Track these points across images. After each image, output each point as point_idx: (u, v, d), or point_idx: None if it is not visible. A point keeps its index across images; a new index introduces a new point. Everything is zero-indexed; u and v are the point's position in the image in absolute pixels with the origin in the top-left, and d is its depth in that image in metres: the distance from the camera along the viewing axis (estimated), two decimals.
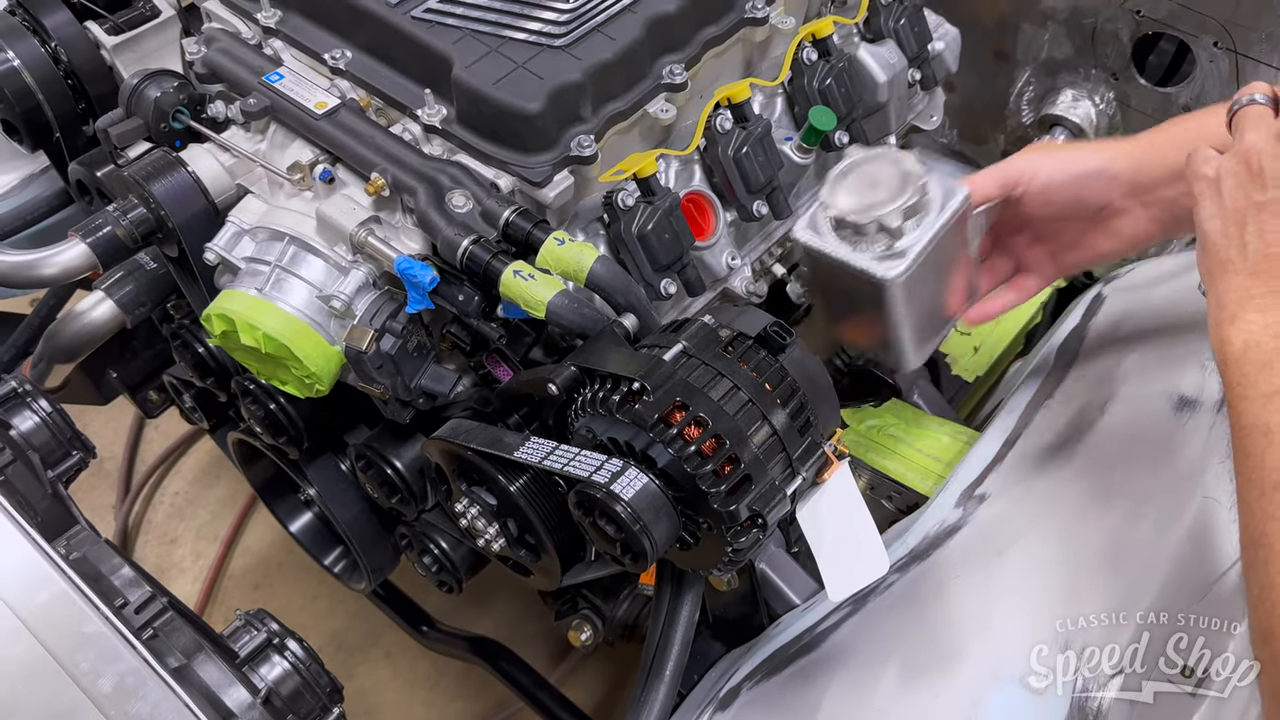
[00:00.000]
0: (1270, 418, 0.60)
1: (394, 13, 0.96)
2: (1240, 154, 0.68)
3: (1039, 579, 0.83)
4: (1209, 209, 0.69)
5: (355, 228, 0.90)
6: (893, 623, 0.89)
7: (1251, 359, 0.63)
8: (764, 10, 1.05)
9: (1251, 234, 0.65)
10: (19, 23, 1.17)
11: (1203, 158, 0.71)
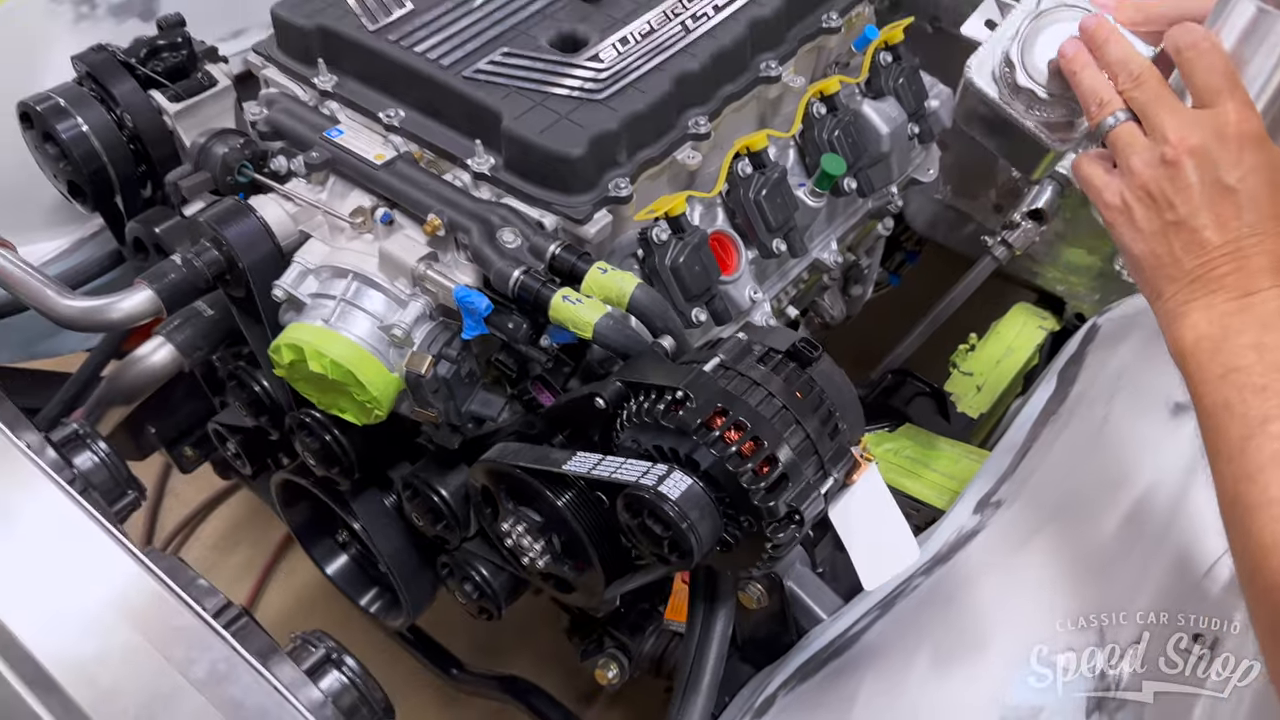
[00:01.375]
0: (1228, 393, 0.68)
1: (447, 74, 1.06)
2: (1138, 181, 0.74)
3: (1054, 572, 0.90)
4: (1129, 235, 0.76)
5: (416, 262, 0.98)
6: (921, 618, 0.95)
7: (1203, 348, 0.71)
8: (777, 70, 1.15)
9: (1179, 249, 0.73)
10: (87, 92, 1.27)
11: (1103, 187, 0.77)
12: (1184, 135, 0.72)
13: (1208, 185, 0.71)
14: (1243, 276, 0.70)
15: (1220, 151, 0.71)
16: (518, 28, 1.11)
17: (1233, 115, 0.71)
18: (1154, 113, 0.74)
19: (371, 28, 1.11)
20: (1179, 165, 0.72)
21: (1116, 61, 0.79)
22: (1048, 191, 1.48)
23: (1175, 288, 0.73)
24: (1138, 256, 0.75)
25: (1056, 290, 1.65)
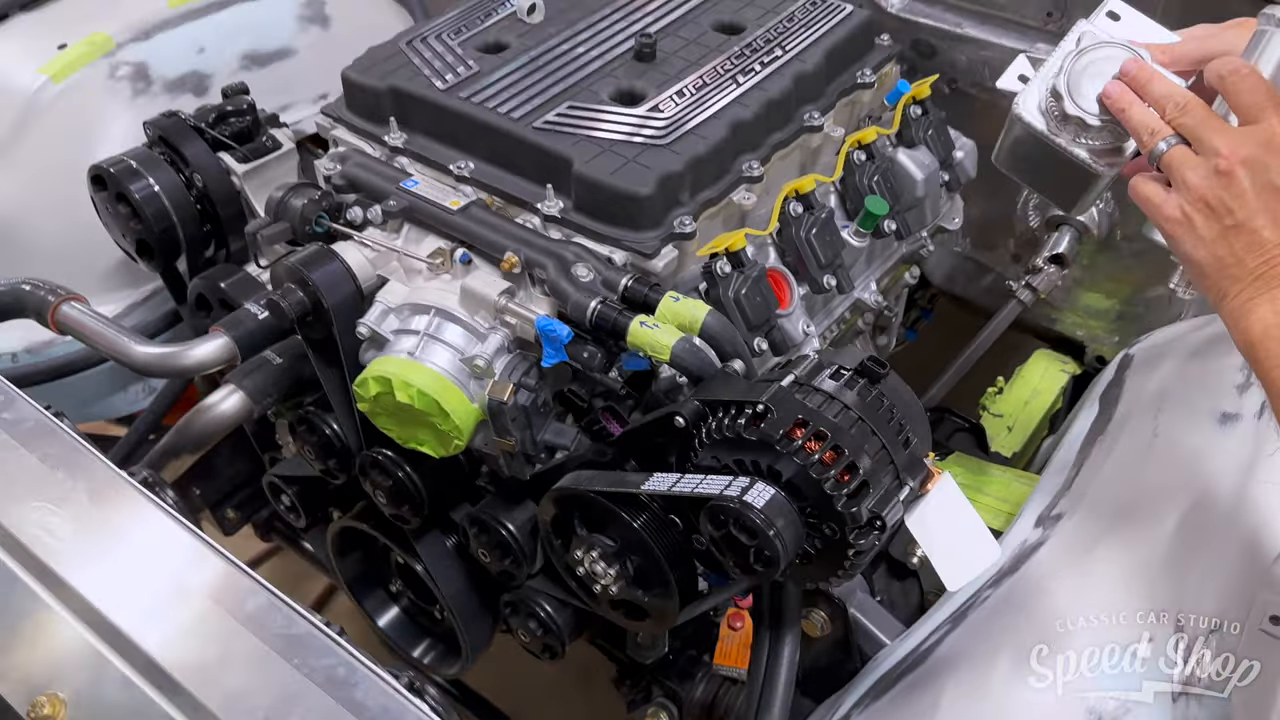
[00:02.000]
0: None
1: (518, 126, 1.13)
2: (1195, 194, 0.81)
3: (1125, 571, 0.93)
4: (1191, 243, 0.82)
5: (498, 295, 1.03)
6: (995, 625, 0.98)
7: (1272, 336, 0.76)
8: (819, 120, 1.23)
9: (1241, 250, 0.79)
10: (158, 155, 1.33)
11: (1162, 203, 0.83)
12: (1235, 148, 0.79)
13: (1261, 189, 0.77)
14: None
15: (1270, 158, 0.77)
16: (579, 84, 1.19)
17: (1278, 127, 0.78)
18: (1203, 133, 0.81)
19: (442, 87, 1.19)
20: (1233, 174, 0.78)
21: (1162, 95, 0.86)
22: (1066, 238, 1.56)
23: (1239, 286, 0.78)
24: (1201, 262, 0.81)
25: (1076, 335, 1.72)
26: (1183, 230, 0.81)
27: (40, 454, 0.95)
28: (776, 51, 1.23)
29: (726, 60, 1.22)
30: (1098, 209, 1.55)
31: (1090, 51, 0.94)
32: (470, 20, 1.30)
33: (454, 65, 1.22)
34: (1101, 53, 0.94)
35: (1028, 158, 1.03)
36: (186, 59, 1.66)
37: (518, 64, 1.22)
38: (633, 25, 1.28)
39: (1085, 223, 1.55)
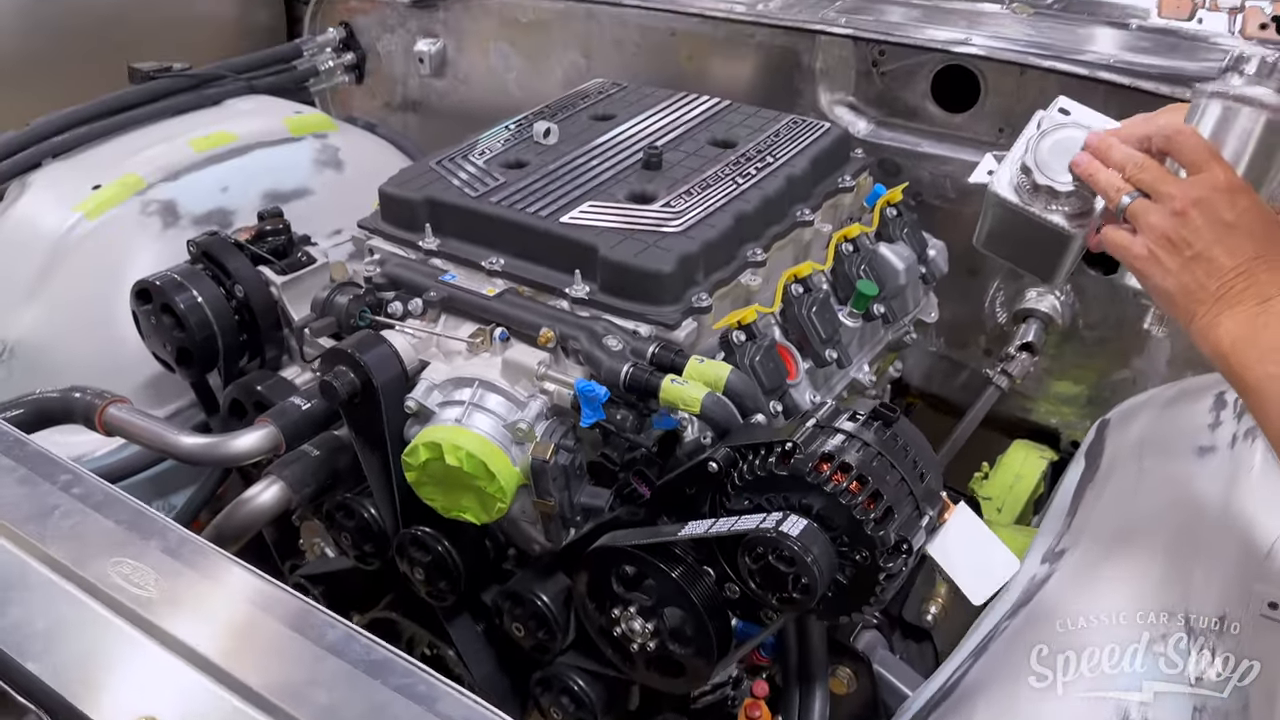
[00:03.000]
0: (1268, 367, 0.85)
1: (546, 222, 1.26)
2: (1158, 234, 0.93)
3: (1130, 585, 1.01)
4: (1159, 275, 0.94)
5: (537, 364, 1.13)
6: (1016, 649, 1.04)
7: (1238, 344, 0.88)
8: (810, 216, 1.38)
9: (1202, 276, 0.91)
10: (200, 270, 1.44)
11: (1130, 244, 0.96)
12: (1186, 193, 0.92)
13: (1213, 224, 0.90)
14: (1257, 289, 0.88)
15: (1217, 198, 0.91)
16: (596, 188, 1.32)
17: (1220, 174, 0.92)
18: (1159, 185, 0.95)
19: (473, 195, 1.32)
20: (1187, 214, 0.91)
21: (1122, 158, 1.00)
22: (1034, 328, 1.71)
23: (1204, 307, 0.90)
24: (1170, 291, 0.93)
25: (1051, 423, 1.84)
26: (1151, 265, 0.94)
27: (113, 519, 1.00)
28: (768, 159, 1.39)
29: (725, 167, 1.37)
30: (1060, 301, 1.70)
31: (1051, 132, 1.09)
32: (492, 145, 1.45)
33: (481, 178, 1.36)
34: (1061, 132, 1.09)
35: (1006, 235, 1.16)
36: (212, 197, 1.79)
37: (539, 175, 1.36)
38: (639, 143, 1.43)
39: (1049, 313, 1.70)
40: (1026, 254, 1.17)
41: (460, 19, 2.07)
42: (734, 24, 1.76)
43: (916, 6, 1.76)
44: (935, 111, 1.69)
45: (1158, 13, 1.65)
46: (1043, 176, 1.08)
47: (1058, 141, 1.10)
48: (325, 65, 2.22)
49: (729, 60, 1.79)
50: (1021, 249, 1.16)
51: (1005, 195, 1.12)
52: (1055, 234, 1.11)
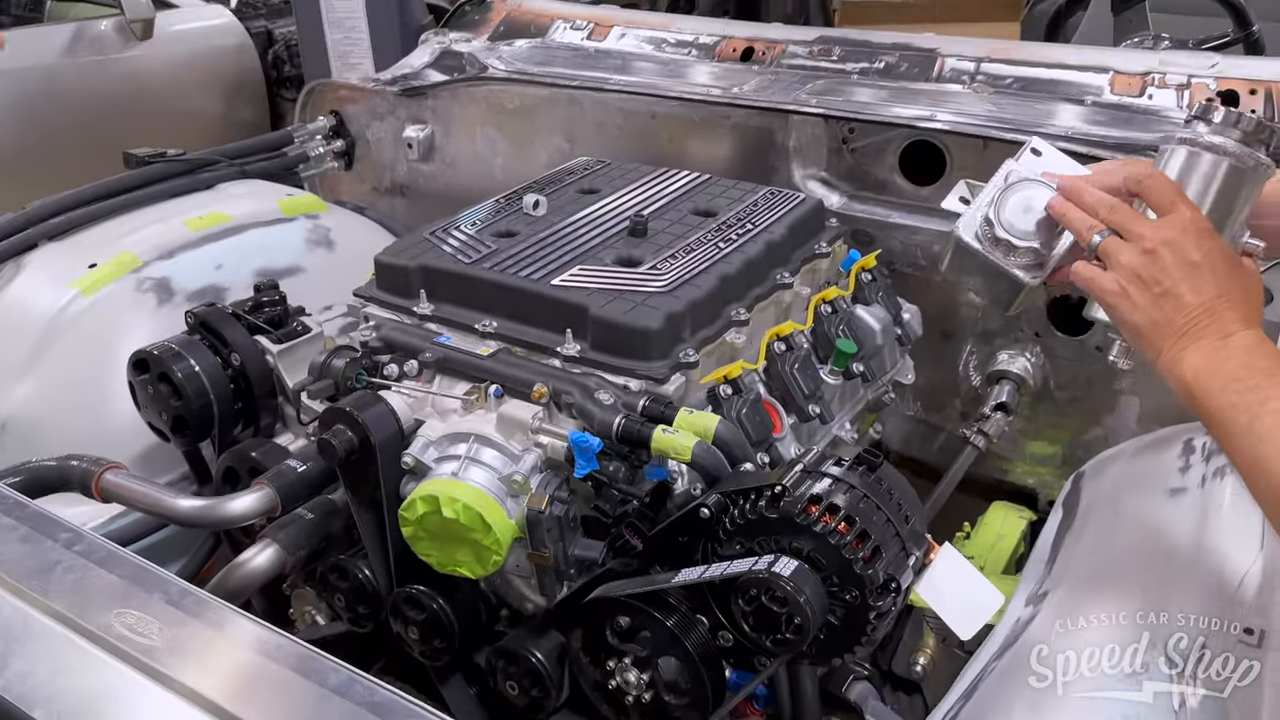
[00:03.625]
0: (1229, 397, 0.89)
1: (538, 285, 1.30)
2: (1129, 271, 0.99)
3: (1111, 616, 1.04)
4: (1128, 310, 0.99)
5: (532, 418, 1.16)
6: (1005, 686, 1.06)
7: (1201, 376, 0.93)
8: (790, 280, 1.44)
9: (1170, 312, 0.97)
10: (198, 340, 1.47)
11: (1101, 279, 1.02)
12: (1155, 232, 0.98)
13: (1180, 264, 0.96)
14: (1220, 324, 0.94)
15: (1184, 239, 0.97)
16: (585, 254, 1.38)
17: (1187, 215, 0.98)
18: (1130, 224, 1.01)
19: (467, 262, 1.37)
20: (1156, 252, 0.97)
21: (1094, 200, 1.06)
22: (1007, 388, 1.76)
23: (1170, 342, 0.96)
24: (1139, 325, 0.98)
25: (1028, 484, 1.88)
26: (1121, 300, 0.99)
27: (116, 574, 1.02)
28: (748, 226, 1.46)
29: (708, 233, 1.43)
30: (1031, 363, 1.76)
31: (1015, 187, 1.16)
32: (484, 217, 1.51)
33: (473, 246, 1.41)
34: (1024, 189, 1.16)
35: (968, 269, 1.22)
36: (206, 274, 1.83)
37: (529, 243, 1.41)
38: (624, 213, 1.50)
39: (1021, 375, 1.76)
40: (987, 291, 1.24)
41: (448, 106, 2.16)
42: (711, 106, 1.84)
43: (884, 88, 1.86)
44: (904, 185, 1.77)
45: (1110, 90, 1.76)
46: (1003, 231, 1.14)
47: (1021, 199, 1.17)
48: (315, 151, 2.29)
49: (707, 140, 1.87)
50: (982, 287, 1.23)
51: (969, 241, 1.18)
52: (1011, 279, 1.17)
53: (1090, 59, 1.83)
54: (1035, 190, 1.16)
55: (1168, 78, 1.73)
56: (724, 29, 2.15)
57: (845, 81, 1.90)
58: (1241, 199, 1.05)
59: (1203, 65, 1.75)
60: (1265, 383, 0.88)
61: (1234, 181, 1.05)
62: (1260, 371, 0.90)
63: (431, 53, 2.35)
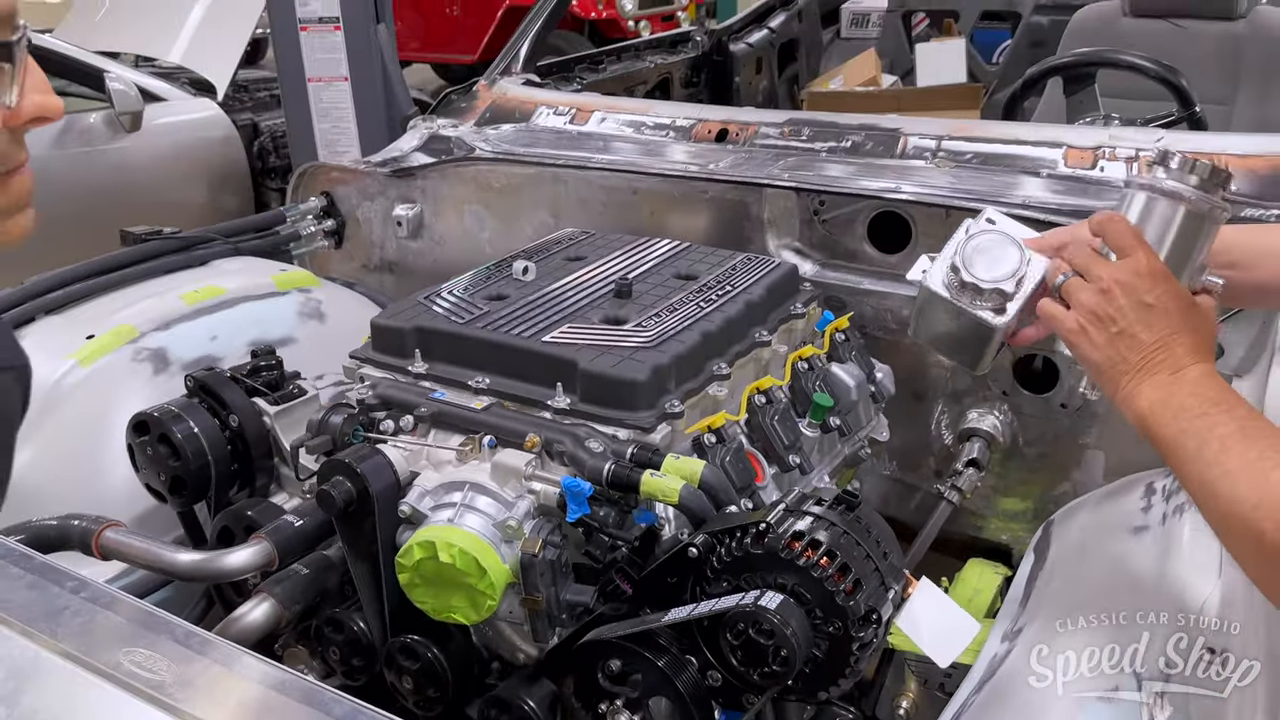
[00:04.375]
0: (1181, 425, 0.96)
1: (528, 342, 1.37)
2: (1087, 310, 1.07)
3: (1084, 641, 1.09)
4: (1088, 347, 1.07)
5: (525, 465, 1.22)
6: (986, 717, 1.10)
7: (1155, 407, 1.00)
8: (768, 338, 1.51)
9: (1125, 350, 1.04)
10: (197, 403, 1.51)
11: (1064, 318, 1.08)
12: (1113, 274, 1.05)
13: (1135, 305, 1.03)
14: (1172, 360, 1.01)
15: (1138, 281, 1.04)
16: (573, 314, 1.45)
17: (1143, 259, 1.06)
18: (1091, 265, 1.08)
19: (460, 323, 1.43)
20: (1112, 293, 1.04)
21: (1058, 241, 1.15)
22: (978, 445, 1.83)
23: (1127, 378, 1.03)
24: (1098, 362, 1.05)
25: (1001, 540, 1.93)
26: (1081, 338, 1.06)
27: (123, 616, 1.05)
28: (728, 287, 1.53)
29: (689, 294, 1.51)
30: (1000, 420, 1.83)
31: (978, 236, 1.24)
32: (475, 282, 1.58)
33: (467, 308, 1.48)
34: (985, 238, 1.24)
35: (937, 329, 1.28)
36: (201, 345, 1.88)
37: (519, 305, 1.48)
38: (609, 277, 1.57)
39: (991, 432, 1.83)
40: (955, 347, 1.29)
41: (437, 186, 2.25)
42: (690, 181, 1.94)
43: (851, 164, 1.97)
44: (873, 253, 1.86)
45: (1064, 163, 1.87)
46: (969, 274, 1.22)
47: (981, 245, 1.24)
48: (306, 230, 2.37)
49: (686, 214, 1.97)
50: (951, 342, 1.29)
51: (936, 289, 1.25)
52: (978, 324, 1.23)
53: (1044, 135, 1.95)
54: (995, 239, 1.24)
55: (1118, 151, 1.85)
56: (699, 113, 2.27)
57: (815, 159, 2.01)
58: (1199, 242, 1.12)
59: (1150, 139, 1.87)
60: (1212, 410, 0.95)
61: (1191, 225, 1.11)
62: (1208, 400, 0.96)
63: (420, 137, 2.46)
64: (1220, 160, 1.77)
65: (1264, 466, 0.87)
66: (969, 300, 1.22)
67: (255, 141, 5.15)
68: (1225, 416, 0.94)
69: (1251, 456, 0.88)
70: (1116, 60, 2.39)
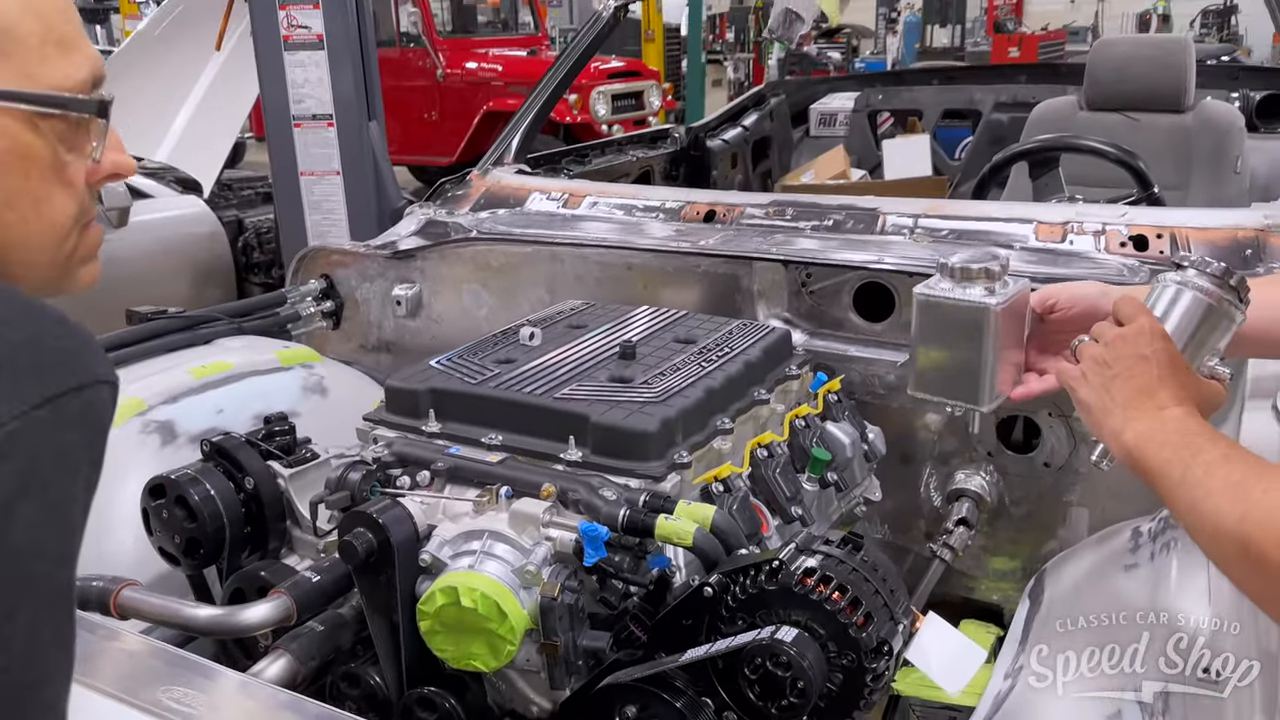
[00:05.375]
0: (1166, 454, 1.03)
1: (541, 399, 1.43)
2: (1090, 359, 1.16)
3: (1084, 667, 1.14)
4: (1084, 390, 1.15)
5: (543, 513, 1.26)
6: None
7: (1141, 441, 1.07)
8: (766, 397, 1.58)
9: (1116, 391, 1.13)
10: (213, 467, 1.55)
11: (1069, 370, 1.18)
12: (1118, 332, 1.15)
13: (1132, 355, 1.12)
14: (1155, 402, 1.08)
15: (1138, 339, 1.13)
16: (581, 373, 1.51)
17: (1145, 324, 1.15)
18: (1102, 329, 1.18)
19: (473, 383, 1.49)
20: (1115, 344, 1.13)
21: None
22: (966, 505, 1.89)
23: (1114, 417, 1.10)
24: (1091, 402, 1.13)
25: (993, 599, 1.98)
26: (1079, 382, 1.15)
27: (159, 661, 1.08)
28: (727, 349, 1.61)
29: (690, 356, 1.58)
30: (987, 480, 1.90)
31: (964, 250, 1.33)
32: (483, 347, 1.65)
33: (478, 371, 1.54)
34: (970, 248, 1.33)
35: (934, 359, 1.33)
36: (208, 418, 1.92)
37: (528, 366, 1.55)
38: (613, 342, 1.64)
39: (979, 492, 1.89)
40: (951, 383, 1.32)
41: (436, 266, 2.33)
42: (682, 256, 2.04)
43: (834, 239, 2.08)
44: (859, 322, 1.95)
45: (1035, 237, 1.98)
46: (956, 260, 1.29)
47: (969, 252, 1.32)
48: (306, 311, 2.44)
49: (679, 287, 2.06)
50: (948, 377, 1.32)
51: (929, 294, 1.30)
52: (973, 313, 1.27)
53: (1015, 212, 2.07)
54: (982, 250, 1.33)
55: (1085, 225, 1.96)
56: (687, 195, 2.38)
57: (799, 235, 2.11)
58: (1215, 336, 1.20)
59: (1115, 215, 1.99)
60: (1196, 440, 1.03)
61: (1211, 320, 1.20)
62: (1192, 433, 1.04)
63: (418, 222, 2.55)
64: (1181, 233, 1.92)
65: (1247, 485, 0.94)
66: (962, 289, 1.28)
67: (240, 237, 5.23)
68: (1208, 445, 1.01)
69: (1235, 478, 0.95)
70: (1079, 145, 2.54)
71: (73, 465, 0.65)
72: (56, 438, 0.64)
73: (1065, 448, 1.83)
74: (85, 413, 0.66)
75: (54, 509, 0.64)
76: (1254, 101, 3.70)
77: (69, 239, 0.79)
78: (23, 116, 0.72)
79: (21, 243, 0.75)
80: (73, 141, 0.76)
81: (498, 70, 9.00)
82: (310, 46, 3.52)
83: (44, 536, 0.64)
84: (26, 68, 0.72)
